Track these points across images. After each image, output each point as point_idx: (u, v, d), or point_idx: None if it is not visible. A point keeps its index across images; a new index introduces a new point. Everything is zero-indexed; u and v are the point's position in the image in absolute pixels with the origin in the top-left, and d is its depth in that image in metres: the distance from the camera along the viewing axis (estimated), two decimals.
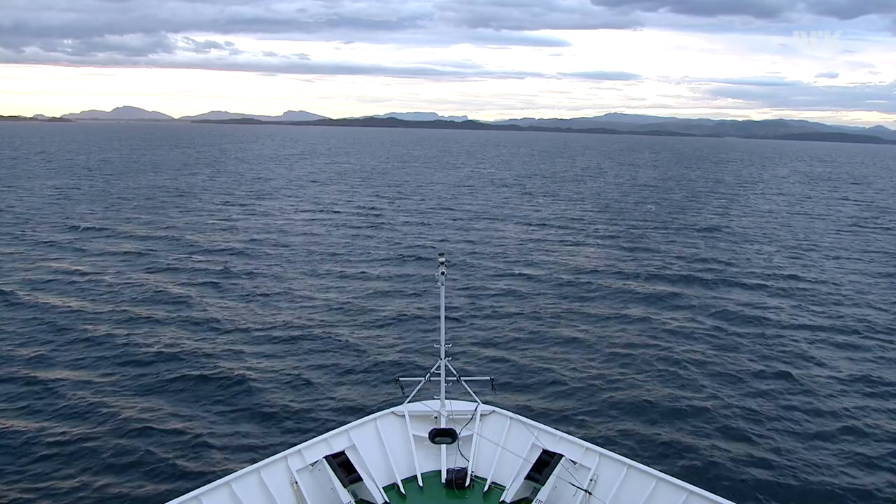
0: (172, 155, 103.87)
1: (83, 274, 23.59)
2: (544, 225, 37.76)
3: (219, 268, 25.13)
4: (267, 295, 21.52)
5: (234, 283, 22.93)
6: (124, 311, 19.41)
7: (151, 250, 27.93)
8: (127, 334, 17.31)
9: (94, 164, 79.33)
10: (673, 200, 53.68)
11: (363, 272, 25.23)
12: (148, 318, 18.80)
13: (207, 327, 18.09)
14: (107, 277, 23.15)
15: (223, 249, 28.75)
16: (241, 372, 15.07)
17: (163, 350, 16.30)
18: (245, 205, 43.20)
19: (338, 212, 41.45)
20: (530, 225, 37.64)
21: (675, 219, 41.86)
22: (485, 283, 23.88)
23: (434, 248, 29.20)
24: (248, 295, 21.49)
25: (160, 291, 21.59)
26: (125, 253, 27.32)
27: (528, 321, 19.43)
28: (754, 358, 16.89)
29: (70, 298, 20.48)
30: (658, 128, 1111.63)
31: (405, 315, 19.69)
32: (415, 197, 50.62)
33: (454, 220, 39.03)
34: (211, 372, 15.02)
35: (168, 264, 25.64)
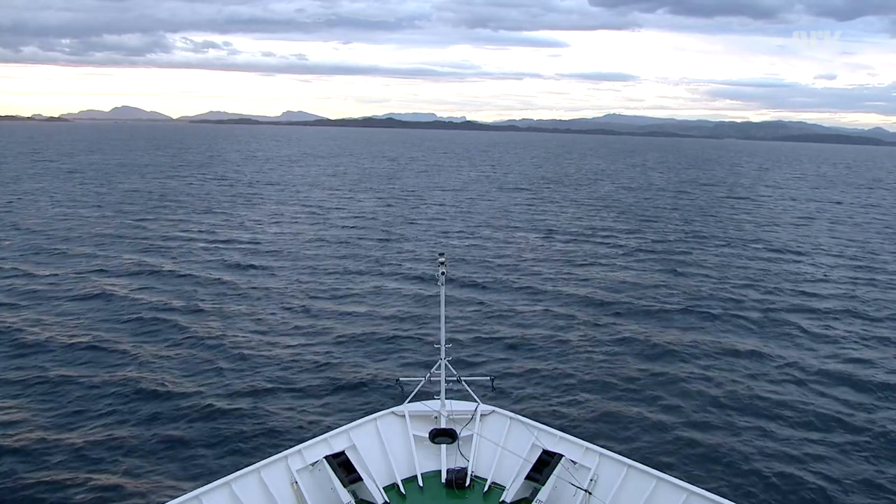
0: (163, 156, 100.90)
1: (36, 295, 20.86)
2: (560, 233, 35.56)
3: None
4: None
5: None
6: (116, 314, 19.40)
7: (113, 266, 24.71)
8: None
9: (79, 165, 75.95)
10: (698, 207, 50.53)
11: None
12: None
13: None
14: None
15: (221, 251, 28.78)
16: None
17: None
18: (233, 210, 42.08)
19: (334, 215, 41.38)
20: (543, 233, 35.61)
21: (713, 231, 38.12)
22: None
23: (436, 250, 29.10)
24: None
25: (151, 295, 21.56)
26: (89, 270, 24.01)
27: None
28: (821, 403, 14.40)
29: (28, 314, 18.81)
30: (657, 129, 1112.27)
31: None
32: (416, 201, 50.10)
33: (458, 225, 38.51)
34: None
35: (161, 268, 25.54)
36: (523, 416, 8.60)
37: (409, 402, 8.70)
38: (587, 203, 50.94)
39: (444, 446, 7.99)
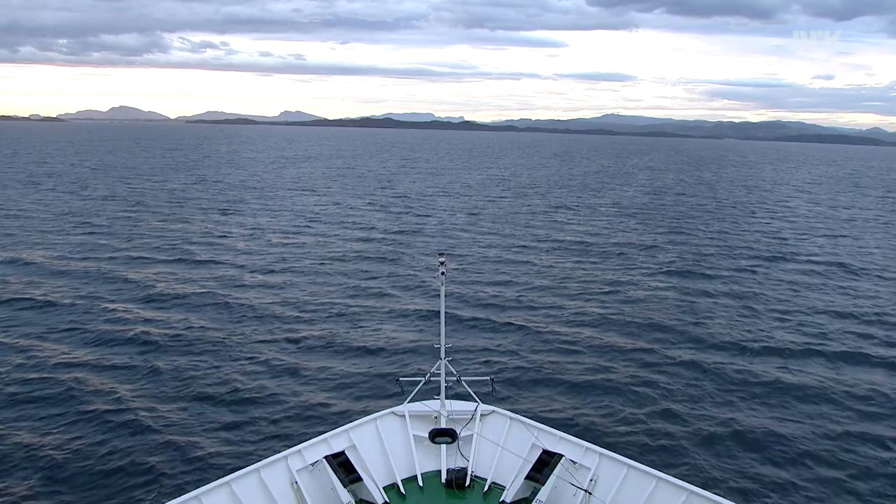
0: (153, 158, 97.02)
1: None
2: (572, 241, 33.29)
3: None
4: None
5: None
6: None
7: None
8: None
9: (61, 168, 71.53)
10: (727, 214, 46.11)
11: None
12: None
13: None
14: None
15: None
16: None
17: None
18: (222, 215, 41.11)
19: (334, 217, 41.32)
20: (554, 241, 33.31)
21: (754, 246, 33.28)
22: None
23: (439, 253, 28.42)
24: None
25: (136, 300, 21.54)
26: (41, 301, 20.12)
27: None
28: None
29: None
30: (656, 129, 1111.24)
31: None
32: (417, 203, 49.53)
33: (462, 229, 37.94)
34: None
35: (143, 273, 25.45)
36: (523, 416, 8.60)
37: (409, 402, 8.70)
38: (603, 208, 48.09)
39: (444, 446, 8.00)
